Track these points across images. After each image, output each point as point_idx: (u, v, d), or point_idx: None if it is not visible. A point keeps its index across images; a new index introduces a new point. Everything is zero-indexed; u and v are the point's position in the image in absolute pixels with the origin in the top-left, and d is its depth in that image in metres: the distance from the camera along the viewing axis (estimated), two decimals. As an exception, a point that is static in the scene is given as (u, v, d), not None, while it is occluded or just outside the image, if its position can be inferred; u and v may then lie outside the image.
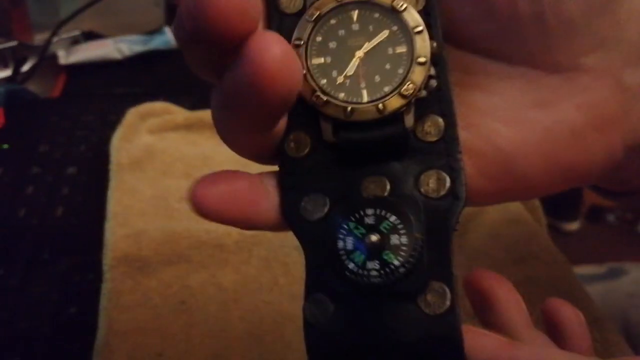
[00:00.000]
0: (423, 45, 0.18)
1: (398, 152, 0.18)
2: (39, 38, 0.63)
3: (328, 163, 0.19)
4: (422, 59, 0.18)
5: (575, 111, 0.19)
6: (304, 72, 0.18)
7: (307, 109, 0.18)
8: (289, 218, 0.18)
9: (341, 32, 0.18)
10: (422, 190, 0.18)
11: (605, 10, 0.19)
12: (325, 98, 0.18)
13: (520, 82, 0.19)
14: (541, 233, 0.46)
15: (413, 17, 0.18)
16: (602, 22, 0.19)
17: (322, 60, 0.18)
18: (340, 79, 0.18)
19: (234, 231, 0.41)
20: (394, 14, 0.18)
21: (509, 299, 0.24)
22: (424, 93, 0.18)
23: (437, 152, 0.18)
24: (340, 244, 0.17)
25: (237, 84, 0.16)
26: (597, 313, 0.39)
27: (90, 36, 0.67)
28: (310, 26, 0.18)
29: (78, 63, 0.63)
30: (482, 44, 0.19)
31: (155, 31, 0.67)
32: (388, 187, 0.18)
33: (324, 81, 0.18)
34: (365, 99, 0.18)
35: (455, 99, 0.19)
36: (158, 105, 0.53)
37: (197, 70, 0.18)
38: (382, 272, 0.17)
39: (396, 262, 0.17)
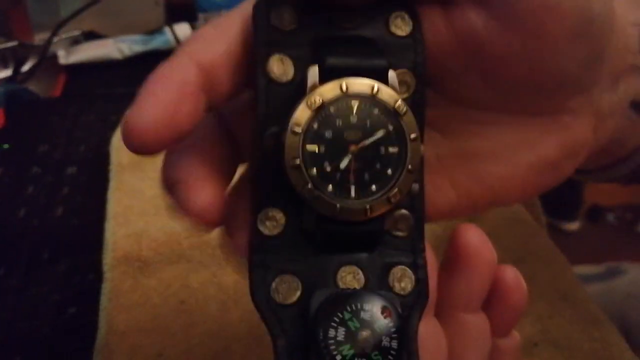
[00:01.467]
0: (415, 153, 0.18)
1: (371, 246, 0.19)
2: (39, 38, 0.63)
3: (300, 246, 0.18)
4: (412, 167, 0.18)
5: (555, 147, 0.21)
6: (298, 161, 0.17)
7: (283, 187, 0.18)
8: (258, 299, 0.18)
9: (338, 121, 0.18)
10: (390, 284, 0.19)
11: (597, 61, 0.20)
12: (316, 193, 0.17)
13: (510, 126, 0.21)
14: (541, 233, 0.46)
15: (411, 123, 0.18)
16: (591, 74, 0.21)
17: (315, 148, 0.17)
18: (330, 172, 0.17)
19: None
20: (394, 115, 0.18)
21: (479, 269, 0.23)
22: (405, 200, 0.19)
23: (404, 249, 0.19)
24: (332, 332, 0.17)
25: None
26: (596, 313, 0.39)
27: (90, 36, 0.67)
28: (310, 115, 0.17)
29: (78, 63, 0.63)
30: (480, 102, 0.21)
31: (155, 31, 0.67)
32: (362, 279, 0.18)
33: (314, 171, 0.17)
34: (352, 195, 0.18)
35: (450, 152, 0.21)
36: (158, 105, 0.53)
37: None
38: None
39: None
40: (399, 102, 0.18)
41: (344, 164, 0.18)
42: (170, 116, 0.17)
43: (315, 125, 0.17)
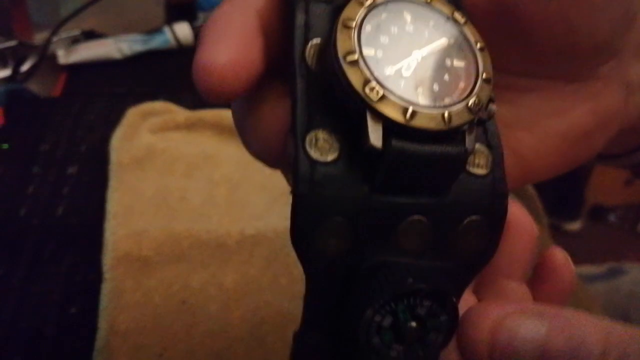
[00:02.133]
0: (487, 62, 0.16)
1: (448, 181, 0.16)
2: (39, 37, 0.63)
3: (357, 181, 0.15)
4: (487, 76, 0.16)
5: (587, 115, 0.21)
6: (356, 56, 0.14)
7: (336, 106, 0.15)
8: (301, 247, 0.15)
9: (394, 29, 0.15)
10: (456, 242, 0.16)
11: (630, 25, 0.20)
12: (381, 92, 0.14)
13: (542, 93, 0.21)
14: (543, 234, 0.46)
15: (474, 32, 0.16)
16: (624, 37, 0.20)
17: (372, 52, 0.15)
18: (394, 76, 0.15)
19: (235, 231, 0.41)
20: (453, 25, 0.16)
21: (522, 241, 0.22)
22: (485, 115, 0.16)
23: (483, 191, 0.16)
24: (378, 317, 0.15)
25: None
26: (599, 313, 0.39)
27: (90, 35, 0.67)
28: (362, 12, 0.15)
29: (78, 62, 0.63)
30: (513, 66, 0.21)
31: (155, 30, 0.67)
32: (427, 237, 0.16)
33: (374, 73, 0.15)
34: (423, 103, 0.15)
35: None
36: (158, 105, 0.53)
37: None
38: (401, 358, 0.15)
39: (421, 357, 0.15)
40: (456, 12, 0.16)
41: (408, 70, 0.15)
42: (245, 53, 0.15)
43: (369, 28, 0.15)
